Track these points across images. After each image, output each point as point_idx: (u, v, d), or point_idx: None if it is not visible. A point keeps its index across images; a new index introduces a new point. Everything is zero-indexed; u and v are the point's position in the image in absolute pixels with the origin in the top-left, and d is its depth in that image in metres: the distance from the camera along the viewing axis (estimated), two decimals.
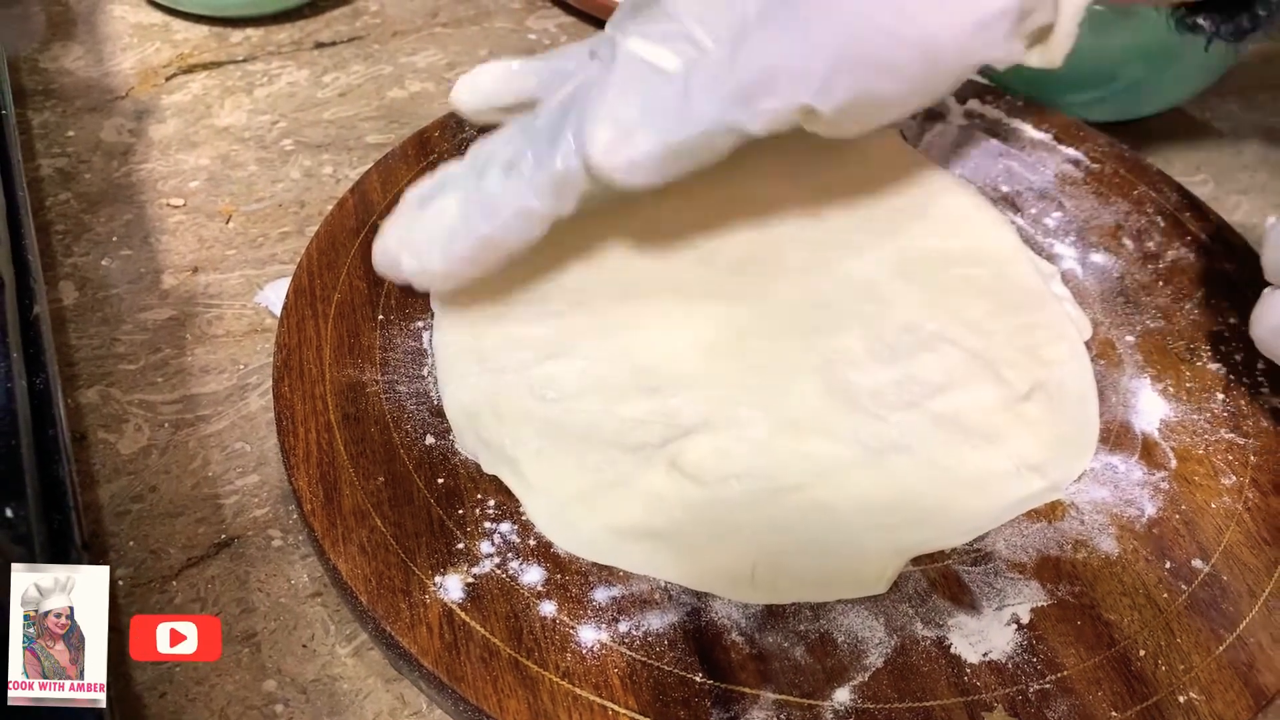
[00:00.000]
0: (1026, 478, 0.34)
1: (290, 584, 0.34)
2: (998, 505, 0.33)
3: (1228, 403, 0.36)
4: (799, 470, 0.33)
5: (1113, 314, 0.40)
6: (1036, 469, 0.34)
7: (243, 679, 0.32)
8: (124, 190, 0.48)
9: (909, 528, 0.32)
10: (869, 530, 0.32)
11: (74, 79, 0.54)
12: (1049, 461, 0.35)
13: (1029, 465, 0.34)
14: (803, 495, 0.33)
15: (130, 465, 0.37)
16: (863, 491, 0.33)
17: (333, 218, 0.42)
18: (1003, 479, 0.34)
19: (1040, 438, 0.35)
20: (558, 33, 0.59)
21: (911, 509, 0.33)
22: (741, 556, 0.31)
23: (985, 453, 0.34)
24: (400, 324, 0.38)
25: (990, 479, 0.34)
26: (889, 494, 0.33)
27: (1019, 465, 0.34)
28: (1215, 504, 0.34)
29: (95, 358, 0.40)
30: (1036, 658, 0.30)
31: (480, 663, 0.29)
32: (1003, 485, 0.34)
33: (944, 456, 0.34)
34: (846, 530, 0.32)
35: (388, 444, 0.34)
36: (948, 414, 0.35)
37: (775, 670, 0.29)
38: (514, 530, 0.32)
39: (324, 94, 0.54)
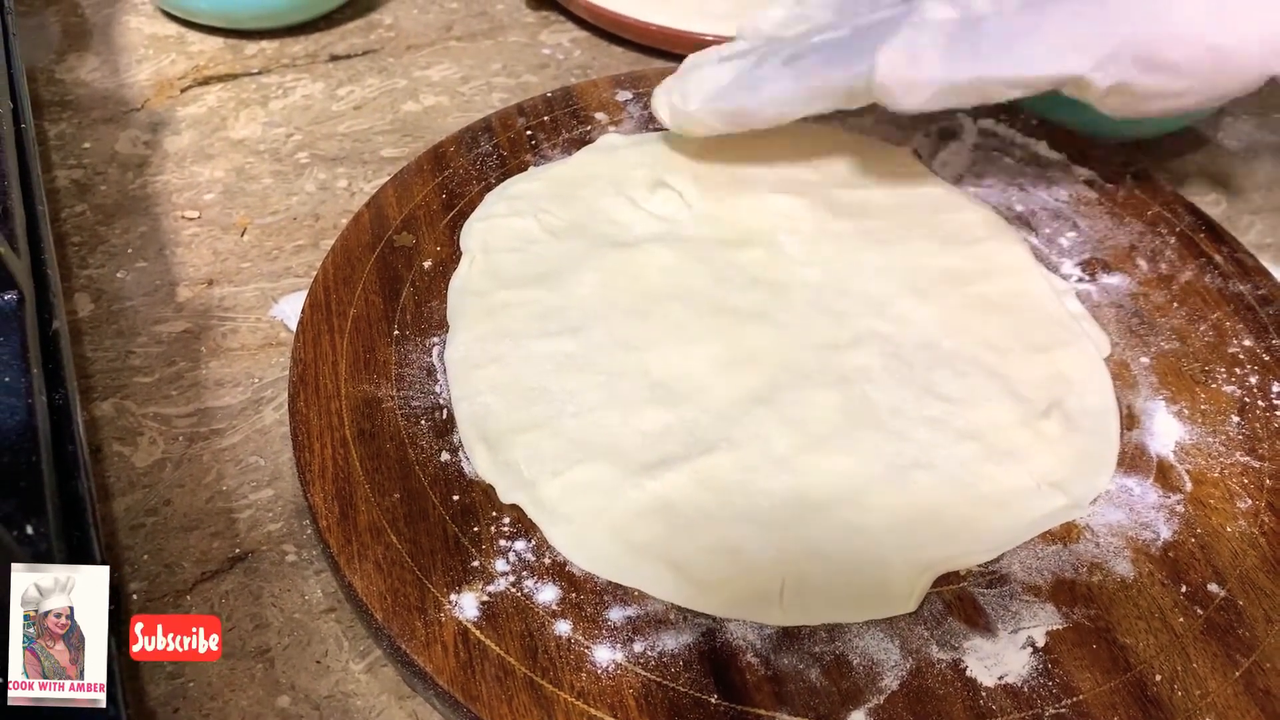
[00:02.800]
0: (1048, 494, 0.34)
1: (304, 599, 0.34)
2: (1020, 522, 0.33)
3: (1243, 425, 0.36)
4: (824, 489, 0.33)
5: (1127, 336, 0.40)
6: (1057, 485, 0.34)
7: (256, 694, 0.32)
8: (139, 202, 0.48)
9: (934, 545, 0.32)
10: (895, 549, 0.32)
11: (90, 90, 0.54)
12: (1069, 479, 0.35)
13: (1050, 482, 0.34)
14: (828, 514, 0.33)
15: (145, 478, 0.37)
16: (887, 509, 0.33)
17: (348, 232, 0.42)
18: (1024, 496, 0.34)
19: (1060, 455, 0.35)
20: (571, 47, 0.59)
21: (936, 526, 0.33)
22: (768, 578, 0.31)
23: (1006, 470, 0.35)
24: (416, 339, 0.38)
25: (1012, 496, 0.34)
26: (913, 511, 0.33)
27: (1040, 482, 0.34)
28: (1231, 528, 0.33)
29: (110, 370, 0.40)
30: (1052, 681, 0.30)
31: (495, 682, 0.29)
32: (1025, 502, 0.34)
33: (965, 474, 0.34)
34: (873, 549, 0.32)
35: (403, 460, 0.34)
36: (967, 431, 0.35)
37: (790, 692, 0.29)
38: (529, 548, 0.32)
39: (339, 107, 0.54)
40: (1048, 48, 0.37)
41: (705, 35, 0.56)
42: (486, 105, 0.54)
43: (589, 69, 0.58)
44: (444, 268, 0.41)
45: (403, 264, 0.41)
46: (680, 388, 0.36)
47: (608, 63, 0.58)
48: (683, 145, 0.45)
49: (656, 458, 0.34)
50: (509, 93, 0.55)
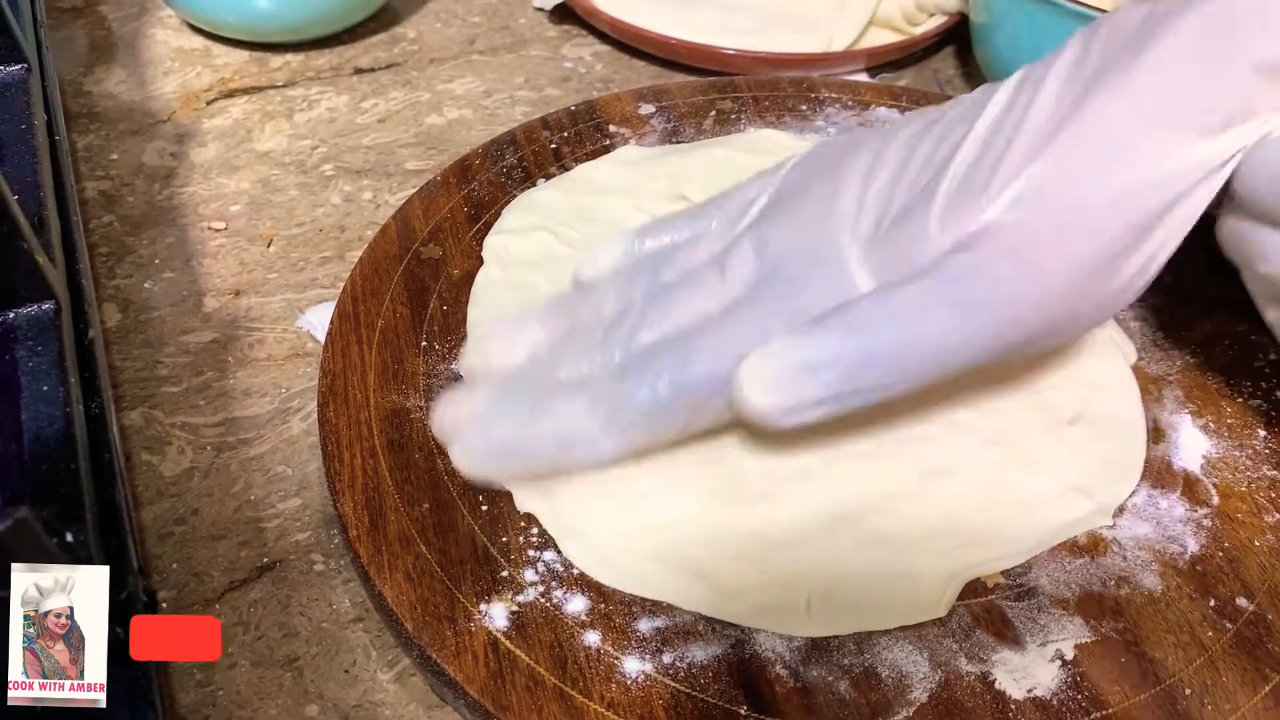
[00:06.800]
0: (1074, 500, 0.34)
1: (332, 609, 0.34)
2: (1046, 527, 0.33)
3: (1269, 439, 0.36)
4: (851, 497, 0.34)
5: (1152, 349, 0.40)
6: (1083, 491, 0.34)
7: (285, 704, 0.32)
8: (166, 213, 0.48)
9: (961, 550, 0.32)
10: (922, 555, 0.32)
11: (117, 102, 0.55)
12: (1095, 485, 0.35)
13: (1075, 488, 0.34)
14: (856, 523, 0.33)
15: (173, 488, 0.37)
16: (914, 516, 0.33)
17: (376, 244, 0.42)
18: (1050, 502, 0.34)
19: (1085, 463, 0.35)
20: (593, 61, 0.60)
21: (962, 532, 0.33)
22: (793, 589, 0.31)
23: (1032, 476, 0.35)
24: (443, 350, 0.38)
25: (1037, 502, 0.34)
26: (939, 518, 0.33)
27: (1065, 488, 0.34)
28: (1259, 541, 0.33)
29: (138, 380, 0.41)
30: (1081, 694, 0.30)
31: (526, 692, 0.29)
32: (1050, 508, 0.34)
33: (991, 480, 0.34)
34: (900, 556, 0.32)
35: (431, 470, 0.34)
36: (993, 438, 0.35)
37: (820, 705, 0.29)
38: (557, 559, 0.32)
39: (363, 120, 0.54)
40: None
41: (726, 49, 0.56)
42: (509, 119, 0.55)
43: (611, 82, 0.58)
44: (470, 279, 0.41)
45: (430, 275, 0.41)
46: None
47: (629, 76, 0.59)
48: (700, 158, 0.46)
49: (676, 467, 0.34)
50: (532, 106, 0.56)
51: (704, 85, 0.52)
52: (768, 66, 0.56)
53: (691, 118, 0.50)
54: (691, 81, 0.53)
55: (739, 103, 0.51)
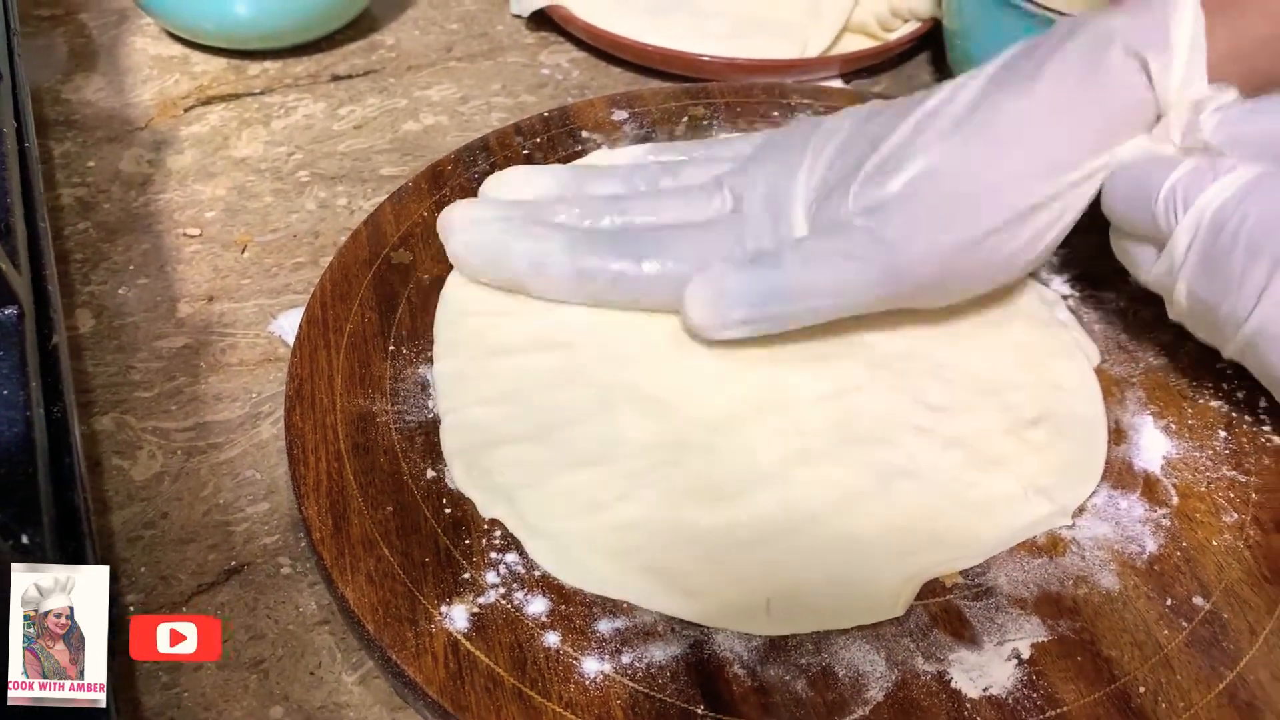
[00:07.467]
0: (1034, 501, 0.34)
1: (298, 611, 0.34)
2: (1006, 528, 0.34)
3: (1229, 440, 0.37)
4: (812, 499, 0.34)
5: (1115, 351, 0.40)
6: (1043, 492, 0.35)
7: (249, 705, 0.32)
8: (142, 220, 0.49)
9: (920, 551, 0.33)
10: (881, 556, 0.33)
11: (95, 110, 0.55)
12: (1055, 485, 0.35)
13: (1035, 489, 0.35)
14: (817, 525, 0.33)
15: (143, 492, 0.38)
16: (874, 518, 0.34)
17: (346, 249, 0.42)
18: (1010, 502, 0.34)
19: (1047, 463, 0.35)
20: (570, 67, 0.60)
21: (922, 534, 0.33)
22: (754, 589, 0.32)
23: (992, 477, 0.35)
24: (411, 354, 0.39)
25: (998, 503, 0.34)
26: (899, 519, 0.34)
27: (1025, 489, 0.35)
28: (1216, 541, 0.34)
29: (110, 385, 0.41)
30: (1036, 693, 0.30)
31: (484, 692, 0.29)
32: (1011, 508, 0.34)
33: (951, 481, 0.35)
34: (860, 558, 0.33)
35: (396, 474, 0.35)
36: (954, 439, 0.36)
37: (777, 704, 0.29)
38: (519, 561, 0.33)
39: (339, 126, 0.55)
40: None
41: (701, 55, 0.57)
42: (485, 125, 0.55)
43: (587, 89, 0.58)
44: (440, 284, 0.41)
45: (399, 280, 0.41)
46: (669, 400, 0.37)
47: (606, 83, 0.59)
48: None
49: (642, 468, 0.34)
50: (508, 112, 0.56)
51: (677, 91, 0.52)
52: (742, 72, 0.56)
53: (664, 123, 0.50)
54: (665, 87, 0.53)
55: (711, 108, 0.51)
